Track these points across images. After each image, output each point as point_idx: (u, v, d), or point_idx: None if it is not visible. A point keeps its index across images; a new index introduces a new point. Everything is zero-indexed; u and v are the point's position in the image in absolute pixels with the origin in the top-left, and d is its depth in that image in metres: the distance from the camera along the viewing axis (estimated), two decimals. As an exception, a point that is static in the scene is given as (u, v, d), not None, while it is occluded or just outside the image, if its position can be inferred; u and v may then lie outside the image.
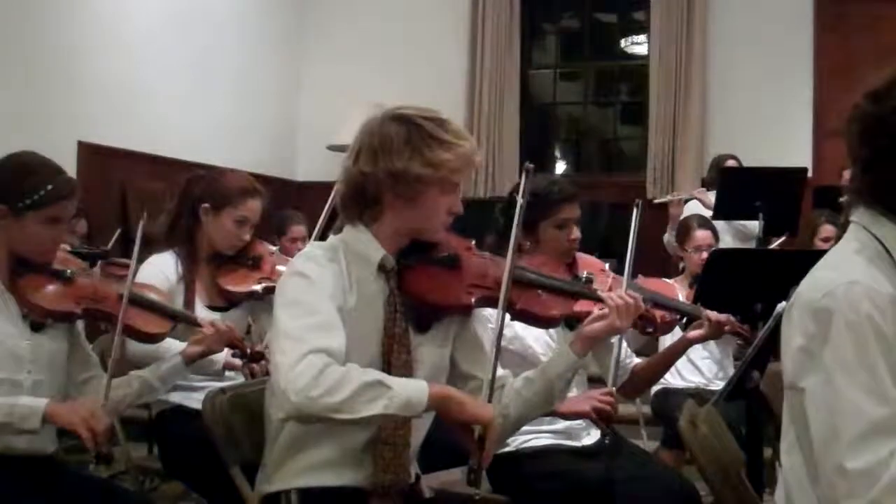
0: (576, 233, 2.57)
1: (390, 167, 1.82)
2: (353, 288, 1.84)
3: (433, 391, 1.72)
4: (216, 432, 1.95)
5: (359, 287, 1.84)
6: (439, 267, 1.94)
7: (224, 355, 2.70)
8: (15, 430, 2.07)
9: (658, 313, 2.28)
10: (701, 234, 3.89)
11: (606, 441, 2.41)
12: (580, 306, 2.12)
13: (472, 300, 1.93)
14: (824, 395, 1.40)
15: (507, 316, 1.99)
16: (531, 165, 1.94)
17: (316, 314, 1.74)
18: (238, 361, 2.71)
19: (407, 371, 1.84)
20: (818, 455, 1.41)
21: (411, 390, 1.70)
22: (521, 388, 1.97)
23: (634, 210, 2.58)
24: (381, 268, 1.87)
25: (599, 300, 2.08)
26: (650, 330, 2.31)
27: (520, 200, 1.92)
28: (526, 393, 1.96)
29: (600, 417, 2.35)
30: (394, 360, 1.83)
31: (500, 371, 1.99)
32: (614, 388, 2.43)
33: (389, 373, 1.81)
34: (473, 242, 2.05)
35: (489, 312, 2.06)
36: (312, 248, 1.90)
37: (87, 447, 2.09)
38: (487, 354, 1.92)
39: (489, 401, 1.81)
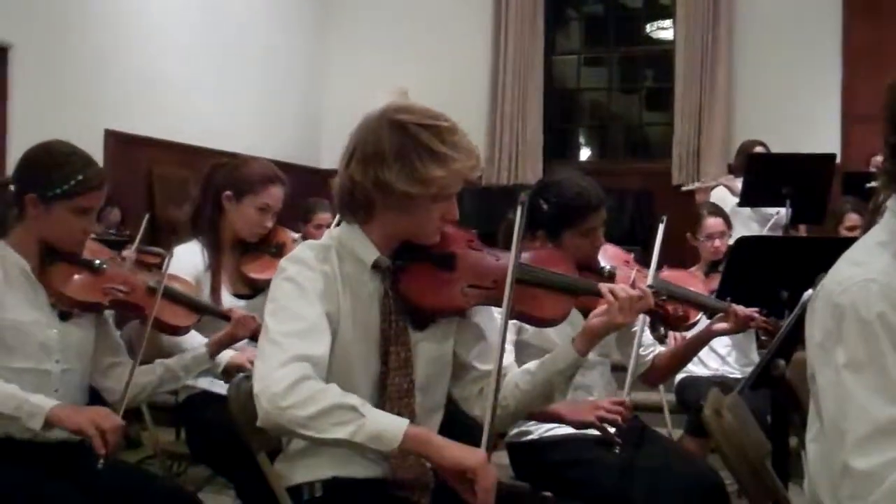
0: (601, 238, 2.50)
1: (379, 178, 1.75)
2: (347, 289, 1.80)
3: (412, 432, 1.61)
4: (241, 418, 1.95)
5: (353, 287, 1.81)
6: (435, 267, 1.87)
7: (228, 356, 2.68)
8: (22, 426, 2.07)
9: (670, 307, 2.16)
10: (712, 222, 3.84)
11: (617, 451, 2.36)
12: (590, 301, 2.03)
13: (468, 303, 1.88)
14: (834, 393, 1.38)
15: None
16: (525, 197, 1.80)
17: (302, 320, 1.71)
18: (246, 363, 2.67)
19: (406, 368, 1.82)
20: (829, 452, 1.40)
21: (386, 424, 1.61)
22: (520, 381, 1.92)
23: (660, 226, 2.52)
24: (376, 267, 1.83)
25: (599, 295, 1.98)
26: (659, 326, 2.18)
27: (517, 233, 1.79)
28: (524, 386, 1.91)
29: (609, 426, 2.33)
30: (391, 359, 1.81)
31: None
32: (627, 399, 2.39)
33: (387, 372, 1.79)
34: (475, 232, 1.97)
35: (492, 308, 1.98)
36: (303, 249, 1.84)
37: (95, 449, 2.02)
38: (490, 345, 1.88)
39: (494, 398, 1.72)
